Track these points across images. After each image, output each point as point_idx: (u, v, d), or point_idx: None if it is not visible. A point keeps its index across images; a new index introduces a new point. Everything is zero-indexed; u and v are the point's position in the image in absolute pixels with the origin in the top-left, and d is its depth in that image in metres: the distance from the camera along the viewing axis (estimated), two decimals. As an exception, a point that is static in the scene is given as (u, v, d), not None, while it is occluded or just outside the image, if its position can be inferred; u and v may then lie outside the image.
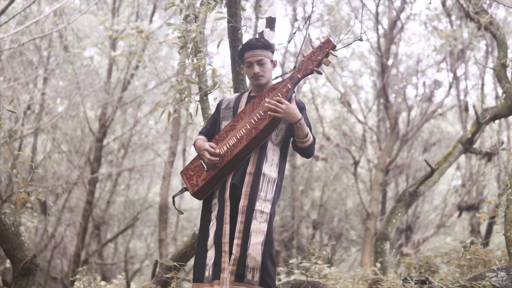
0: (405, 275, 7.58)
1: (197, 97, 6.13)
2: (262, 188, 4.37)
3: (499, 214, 6.21)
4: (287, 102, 4.24)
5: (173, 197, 4.78)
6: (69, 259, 15.60)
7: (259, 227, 4.30)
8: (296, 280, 5.85)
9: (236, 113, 4.61)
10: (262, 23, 5.12)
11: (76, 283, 7.17)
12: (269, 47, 4.55)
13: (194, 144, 4.70)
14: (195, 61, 6.02)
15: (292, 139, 4.54)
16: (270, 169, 4.43)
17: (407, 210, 8.16)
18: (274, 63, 4.59)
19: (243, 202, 4.33)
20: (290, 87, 4.30)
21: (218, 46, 5.80)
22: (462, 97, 14.61)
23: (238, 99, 4.71)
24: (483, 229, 15.17)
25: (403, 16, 14.61)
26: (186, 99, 5.98)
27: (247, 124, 4.40)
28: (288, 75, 4.56)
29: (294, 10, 15.33)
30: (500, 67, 8.48)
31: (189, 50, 6.00)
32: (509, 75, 8.25)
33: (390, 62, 14.42)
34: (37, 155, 14.09)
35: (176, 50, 13.72)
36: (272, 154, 4.46)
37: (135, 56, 12.69)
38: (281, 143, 4.52)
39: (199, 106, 6.16)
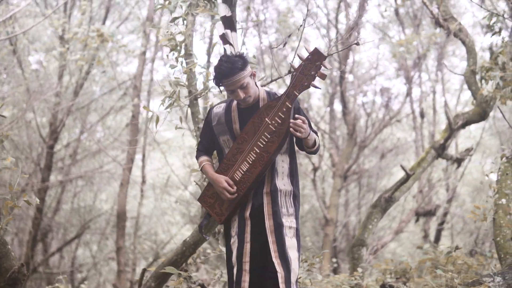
0: (380, 280, 7.61)
1: (187, 101, 6.01)
2: (282, 204, 4.32)
3: (488, 218, 6.21)
4: (304, 125, 4.16)
5: (200, 226, 4.69)
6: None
7: (291, 242, 4.28)
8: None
9: (231, 127, 4.47)
10: (219, 24, 4.97)
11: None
12: (243, 65, 4.28)
13: (202, 169, 4.57)
14: (184, 63, 5.93)
15: (295, 139, 4.49)
16: (283, 182, 4.38)
17: (383, 215, 8.20)
18: (253, 74, 4.38)
19: (268, 222, 4.27)
20: (290, 105, 4.20)
21: (212, 48, 5.71)
22: (417, 104, 14.84)
23: (228, 113, 4.52)
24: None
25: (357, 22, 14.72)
26: (175, 104, 5.87)
27: (255, 148, 4.30)
28: (284, 91, 4.41)
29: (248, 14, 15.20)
30: (470, 74, 8.60)
31: (178, 53, 5.90)
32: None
33: (347, 68, 14.52)
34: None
35: (132, 55, 13.59)
36: (282, 166, 4.40)
37: (88, 61, 12.44)
38: (288, 150, 4.45)
39: (189, 111, 6.03)
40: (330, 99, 15.83)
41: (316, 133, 4.44)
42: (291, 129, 4.17)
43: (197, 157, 4.67)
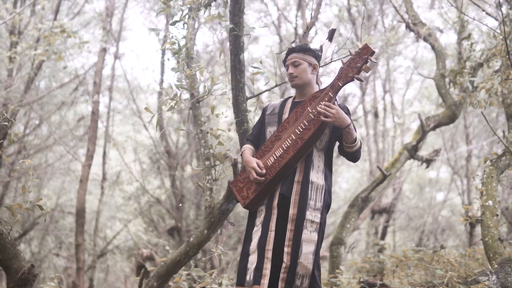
0: (358, 278, 7.80)
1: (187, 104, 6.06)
2: (311, 197, 4.39)
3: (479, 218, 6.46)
4: (337, 107, 4.27)
5: (225, 210, 4.75)
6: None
7: (310, 237, 4.35)
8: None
9: (281, 118, 4.64)
10: (326, 44, 5.21)
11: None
12: (307, 51, 4.60)
13: (241, 155, 4.72)
14: (185, 66, 5.99)
15: (337, 144, 4.60)
16: (317, 176, 4.45)
17: (360, 214, 8.40)
18: (314, 66, 4.60)
19: (292, 211, 4.36)
20: (332, 95, 4.33)
21: (220, 54, 5.78)
22: (372, 104, 15.15)
23: (282, 105, 4.73)
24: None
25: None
26: (176, 106, 5.93)
27: (292, 135, 4.42)
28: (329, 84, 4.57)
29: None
30: (439, 77, 8.89)
31: (181, 56, 5.95)
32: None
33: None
34: None
35: (87, 50, 13.46)
36: (318, 161, 4.48)
37: (48, 55, 12.24)
38: (325, 149, 4.55)
39: (191, 113, 6.08)
40: (282, 97, 15.97)
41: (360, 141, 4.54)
42: (319, 108, 4.30)
43: (243, 145, 4.84)
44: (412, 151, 8.77)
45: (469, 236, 13.47)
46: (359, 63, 4.26)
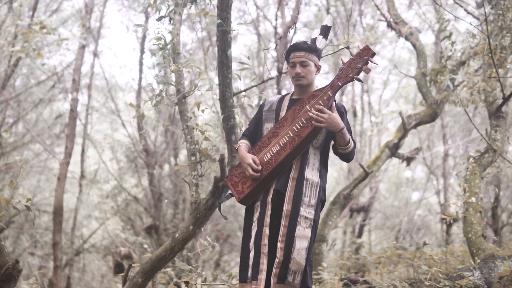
0: (340, 275, 7.83)
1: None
2: (306, 193, 4.42)
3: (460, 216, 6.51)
4: (329, 112, 4.29)
5: (219, 203, 4.77)
6: None
7: (303, 233, 4.37)
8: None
9: (278, 115, 4.67)
10: (316, 30, 5.16)
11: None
12: (315, 51, 4.59)
13: (237, 149, 4.74)
14: (171, 62, 5.98)
15: (332, 143, 4.61)
16: (312, 173, 4.47)
17: (342, 212, 8.43)
18: (318, 68, 4.64)
19: (286, 207, 4.38)
20: (331, 95, 4.35)
21: (207, 50, 5.77)
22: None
23: (280, 102, 4.75)
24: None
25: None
26: (162, 102, 5.91)
27: (289, 132, 4.44)
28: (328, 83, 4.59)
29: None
30: (420, 76, 8.95)
31: (167, 52, 5.94)
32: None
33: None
34: None
35: (66, 47, 13.38)
36: (313, 159, 4.51)
37: (28, 52, 12.14)
38: (321, 147, 4.57)
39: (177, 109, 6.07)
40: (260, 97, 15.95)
41: (354, 141, 4.56)
42: (311, 114, 4.32)
43: (239, 140, 4.85)
44: (393, 149, 8.83)
45: (445, 235, 13.59)
46: (359, 64, 4.27)
